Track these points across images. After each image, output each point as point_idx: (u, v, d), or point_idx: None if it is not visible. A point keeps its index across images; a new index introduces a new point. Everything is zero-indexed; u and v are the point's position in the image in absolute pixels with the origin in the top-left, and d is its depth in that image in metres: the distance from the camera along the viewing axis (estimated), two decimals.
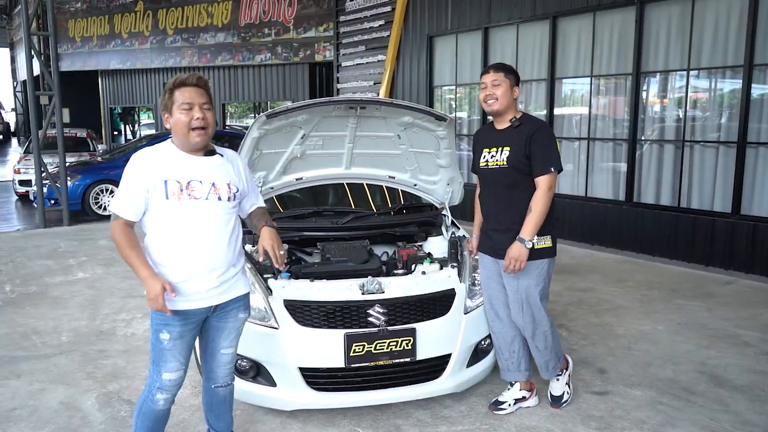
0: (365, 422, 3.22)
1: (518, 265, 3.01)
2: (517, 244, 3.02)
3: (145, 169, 2.37)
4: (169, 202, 2.37)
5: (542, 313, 3.16)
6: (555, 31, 7.81)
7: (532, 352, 3.27)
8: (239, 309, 2.61)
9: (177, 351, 2.46)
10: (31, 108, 9.33)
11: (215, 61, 15.11)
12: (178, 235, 2.40)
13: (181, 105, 2.37)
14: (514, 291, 3.15)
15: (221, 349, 2.63)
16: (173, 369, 2.46)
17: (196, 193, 2.40)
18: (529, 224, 3.01)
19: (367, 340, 3.03)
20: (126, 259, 2.37)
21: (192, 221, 2.40)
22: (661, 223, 6.80)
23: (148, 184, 2.36)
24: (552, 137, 3.13)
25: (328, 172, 3.98)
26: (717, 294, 5.50)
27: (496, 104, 3.10)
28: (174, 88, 2.39)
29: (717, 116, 6.54)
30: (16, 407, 3.43)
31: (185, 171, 2.41)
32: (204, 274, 2.43)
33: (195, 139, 2.40)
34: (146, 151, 2.44)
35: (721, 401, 3.47)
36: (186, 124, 2.37)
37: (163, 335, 2.42)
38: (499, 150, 3.12)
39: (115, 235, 2.38)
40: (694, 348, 4.24)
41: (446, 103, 9.99)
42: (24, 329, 4.67)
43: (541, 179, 3.03)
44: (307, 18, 12.80)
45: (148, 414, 2.52)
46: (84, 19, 18.81)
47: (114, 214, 2.40)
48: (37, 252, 7.35)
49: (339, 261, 3.49)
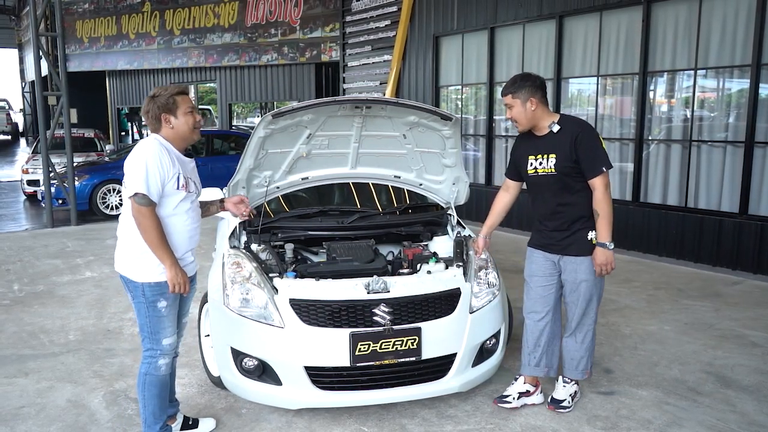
0: (370, 421, 3.23)
1: (608, 268, 3.10)
2: (600, 250, 3.09)
3: (166, 158, 2.75)
4: (178, 192, 2.80)
5: (594, 307, 3.25)
6: (561, 31, 7.79)
7: (569, 344, 3.33)
8: (195, 280, 3.08)
9: (171, 316, 2.86)
10: (39, 108, 9.38)
11: (222, 62, 15.15)
12: (178, 218, 2.82)
13: (186, 109, 2.83)
14: (573, 284, 3.21)
15: (183, 316, 3.05)
16: (170, 333, 2.86)
17: (190, 187, 2.88)
18: (602, 228, 3.08)
19: (372, 339, 3.03)
20: (155, 245, 2.69)
21: (190, 210, 2.88)
22: (667, 223, 6.78)
23: (169, 172, 2.75)
24: (596, 136, 3.14)
25: (333, 171, 3.99)
26: (724, 294, 5.48)
27: (519, 125, 3.20)
28: (176, 95, 2.82)
29: (724, 116, 6.51)
30: (24, 405, 3.46)
31: (184, 168, 2.87)
32: (189, 250, 2.93)
33: (196, 137, 2.91)
34: (157, 143, 2.78)
35: (728, 402, 3.45)
36: (192, 125, 2.86)
37: (160, 303, 2.79)
38: (546, 157, 3.15)
39: (147, 221, 2.67)
40: (701, 348, 4.22)
41: (452, 102, 9.98)
42: (32, 328, 4.70)
43: (596, 180, 3.06)
44: (313, 18, 12.82)
45: (154, 383, 2.85)
46: (91, 20, 18.91)
47: (142, 197, 2.66)
48: (44, 251, 7.39)
49: (344, 260, 3.49)
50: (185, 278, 2.77)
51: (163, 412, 2.90)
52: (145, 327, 2.82)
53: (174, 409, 3.11)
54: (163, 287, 2.77)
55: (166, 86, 2.87)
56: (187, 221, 2.86)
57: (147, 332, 2.83)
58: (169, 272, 2.73)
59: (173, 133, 2.84)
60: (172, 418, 3.10)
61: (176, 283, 2.73)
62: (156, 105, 2.81)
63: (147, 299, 2.77)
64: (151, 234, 2.68)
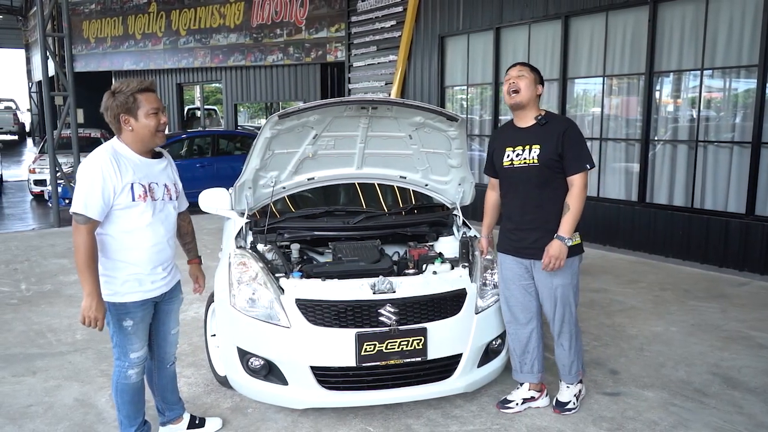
0: (376, 421, 3.24)
1: (557, 263, 3.03)
2: (556, 242, 3.03)
3: (112, 171, 2.52)
4: (135, 203, 2.59)
5: (572, 310, 3.20)
6: (567, 31, 7.78)
7: (558, 351, 3.28)
8: (179, 291, 2.97)
9: (140, 332, 2.76)
10: (46, 108, 9.45)
11: (227, 62, 15.19)
12: (140, 232, 2.63)
13: (148, 111, 2.57)
14: (549, 289, 3.17)
15: (171, 330, 2.96)
16: (138, 348, 2.76)
17: (155, 194, 2.67)
18: (567, 222, 3.04)
19: (378, 339, 3.04)
20: (84, 269, 2.50)
21: (153, 220, 2.66)
22: (674, 223, 6.76)
23: (116, 186, 2.53)
24: (581, 134, 3.15)
25: (339, 172, 3.99)
26: (731, 295, 5.46)
27: (518, 96, 3.13)
28: (138, 92, 2.54)
29: (731, 116, 6.49)
30: (32, 404, 3.48)
31: (145, 175, 2.64)
32: (159, 265, 2.74)
33: (160, 141, 2.66)
34: (104, 154, 2.56)
35: (735, 403, 3.44)
36: (154, 128, 2.59)
37: (126, 323, 2.69)
38: (527, 148, 3.12)
39: (81, 241, 2.49)
40: (708, 350, 4.21)
41: (458, 103, 9.98)
42: (39, 327, 4.72)
43: (576, 177, 3.05)
44: (318, 18, 12.83)
45: (125, 390, 2.80)
46: (98, 21, 18.98)
47: (80, 217, 2.49)
48: (51, 251, 7.43)
49: (350, 260, 3.49)
50: (100, 314, 2.53)
51: (137, 414, 2.88)
52: (114, 339, 2.74)
53: (178, 411, 3.11)
54: (128, 308, 2.66)
55: (129, 80, 2.60)
56: (151, 234, 2.65)
57: (115, 344, 2.75)
58: (84, 302, 2.52)
59: (132, 137, 2.59)
60: (178, 419, 3.11)
61: (87, 316, 2.51)
62: (115, 103, 2.55)
63: (113, 316, 2.67)
64: (79, 254, 2.50)
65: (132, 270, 2.66)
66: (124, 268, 2.65)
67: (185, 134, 12.22)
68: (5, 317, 4.95)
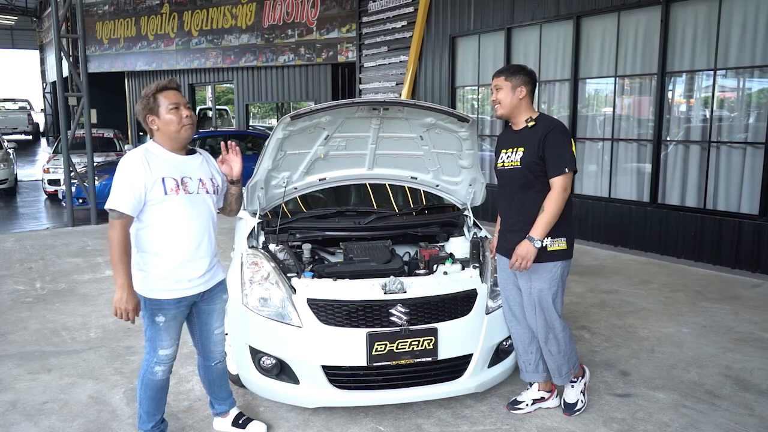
0: (387, 420, 3.25)
1: (524, 263, 3.00)
2: (525, 242, 3.01)
3: (141, 168, 2.60)
4: (167, 197, 2.64)
5: (555, 316, 3.13)
6: (579, 31, 7.76)
7: (545, 355, 3.24)
8: (222, 291, 2.96)
9: (171, 330, 2.78)
10: (60, 109, 9.52)
11: (239, 62, 15.27)
12: (174, 226, 2.67)
13: (168, 106, 2.64)
14: (528, 293, 3.14)
15: (215, 329, 2.96)
16: (168, 345, 2.79)
17: (189, 188, 2.70)
18: (539, 224, 2.99)
19: (389, 339, 3.06)
20: (117, 262, 2.59)
21: (187, 214, 2.69)
22: (686, 224, 6.72)
23: (147, 181, 2.60)
24: (566, 137, 3.08)
25: (351, 172, 4.01)
26: (743, 297, 5.43)
27: (499, 109, 3.15)
28: (156, 93, 2.64)
29: (744, 116, 6.45)
30: (48, 401, 3.53)
31: (177, 169, 2.69)
32: (196, 261, 2.75)
33: (185, 134, 2.68)
34: (138, 153, 2.66)
35: (747, 405, 3.43)
36: (178, 123, 2.64)
37: (158, 318, 2.73)
38: (515, 151, 3.12)
39: (115, 235, 2.58)
40: (720, 351, 4.19)
41: (468, 103, 9.97)
42: (54, 325, 4.78)
43: (556, 180, 3.01)
44: (330, 19, 12.87)
45: (150, 385, 2.85)
46: (111, 22, 19.15)
47: (115, 212, 2.58)
48: (65, 250, 7.51)
49: (361, 261, 3.51)
50: (131, 305, 2.58)
51: (156, 412, 2.93)
52: (146, 333, 2.79)
53: (225, 407, 3.14)
54: (162, 304, 2.71)
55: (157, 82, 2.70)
56: (186, 227, 2.69)
57: (147, 339, 2.80)
58: (116, 294, 2.60)
59: (160, 135, 2.69)
60: (225, 413, 3.15)
61: (119, 307, 2.59)
62: (140, 107, 2.68)
63: (147, 310, 2.73)
64: (113, 248, 2.58)
65: (169, 265, 2.69)
66: (161, 263, 2.69)
67: (197, 134, 12.28)
68: (21, 315, 5.02)
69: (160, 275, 2.70)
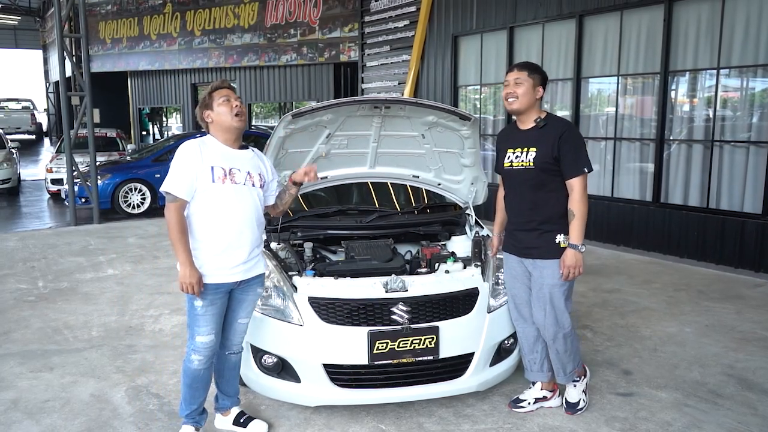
0: (388, 419, 3.25)
1: (576, 271, 3.03)
2: (570, 251, 3.02)
3: (195, 155, 2.77)
4: (214, 185, 2.78)
5: (565, 315, 3.14)
6: (581, 30, 7.75)
7: (551, 354, 3.24)
8: (258, 284, 3.02)
9: (209, 316, 2.85)
10: (63, 108, 9.54)
11: (242, 62, 15.27)
12: (219, 213, 2.80)
13: (219, 100, 2.84)
14: (539, 291, 3.14)
15: (239, 318, 3.01)
16: (205, 333, 2.85)
17: (236, 178, 2.83)
18: (575, 229, 3.02)
19: (390, 337, 3.05)
20: (175, 241, 2.75)
21: (231, 202, 2.81)
22: (688, 224, 6.70)
23: (198, 168, 2.76)
24: (580, 137, 3.11)
25: (352, 171, 4.01)
26: (746, 296, 5.41)
27: (515, 103, 3.09)
28: (212, 92, 2.88)
29: (747, 116, 6.43)
30: (49, 399, 3.53)
31: (227, 160, 2.84)
32: (236, 249, 2.84)
33: (237, 123, 2.84)
34: (193, 142, 2.83)
35: (750, 405, 3.41)
36: (229, 112, 2.83)
37: (196, 302, 2.82)
38: (525, 151, 3.10)
39: (171, 217, 2.75)
40: (722, 351, 4.18)
41: (471, 103, 9.96)
42: (56, 324, 4.79)
43: (575, 181, 3.02)
44: (332, 18, 12.87)
45: (187, 372, 2.93)
46: (114, 21, 19.16)
47: (170, 195, 2.75)
48: (68, 249, 7.52)
49: (363, 259, 3.51)
50: (194, 279, 2.72)
51: (193, 401, 2.96)
52: (188, 319, 2.89)
53: (228, 403, 3.16)
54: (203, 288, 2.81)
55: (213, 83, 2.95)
56: (231, 215, 2.81)
57: (188, 326, 2.89)
58: (180, 270, 2.75)
59: (215, 127, 2.88)
60: (227, 411, 3.16)
61: (184, 282, 2.73)
62: (199, 107, 2.92)
63: (188, 294, 2.82)
64: (171, 229, 2.74)
65: (212, 251, 2.80)
66: (205, 249, 2.80)
67: (199, 134, 12.28)
68: (23, 314, 5.03)
69: (203, 260, 2.80)
